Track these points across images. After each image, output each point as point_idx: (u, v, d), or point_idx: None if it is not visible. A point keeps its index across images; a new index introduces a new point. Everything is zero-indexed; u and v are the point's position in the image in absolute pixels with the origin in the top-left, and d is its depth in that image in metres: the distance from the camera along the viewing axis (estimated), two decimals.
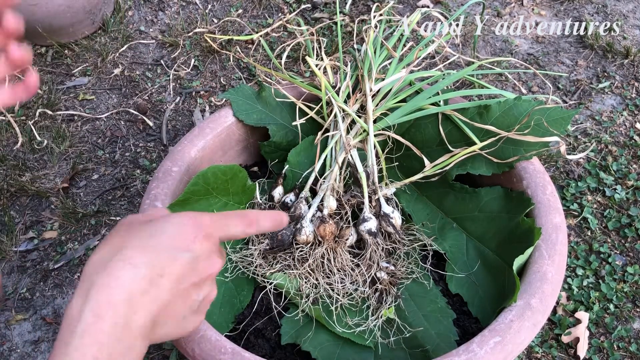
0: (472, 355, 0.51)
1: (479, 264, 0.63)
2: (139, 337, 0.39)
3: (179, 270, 0.41)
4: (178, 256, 0.41)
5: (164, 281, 0.40)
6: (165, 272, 0.40)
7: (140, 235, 0.41)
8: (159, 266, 0.40)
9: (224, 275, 0.64)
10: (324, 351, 0.59)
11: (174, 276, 0.40)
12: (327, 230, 0.62)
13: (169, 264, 0.40)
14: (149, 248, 0.40)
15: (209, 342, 0.53)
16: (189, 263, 0.41)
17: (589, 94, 1.29)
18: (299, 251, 0.63)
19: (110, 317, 0.37)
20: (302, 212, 0.65)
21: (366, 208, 0.65)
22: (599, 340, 0.95)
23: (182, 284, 0.41)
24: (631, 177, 1.13)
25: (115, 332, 0.37)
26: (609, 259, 1.03)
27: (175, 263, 0.40)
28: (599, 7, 1.48)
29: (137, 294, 0.38)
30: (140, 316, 0.39)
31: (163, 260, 0.40)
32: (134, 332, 0.38)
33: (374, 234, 0.63)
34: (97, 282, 0.38)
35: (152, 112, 1.32)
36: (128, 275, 0.39)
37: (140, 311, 0.39)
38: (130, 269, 0.39)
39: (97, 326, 0.37)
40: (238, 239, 0.66)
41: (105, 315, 0.37)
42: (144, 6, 1.56)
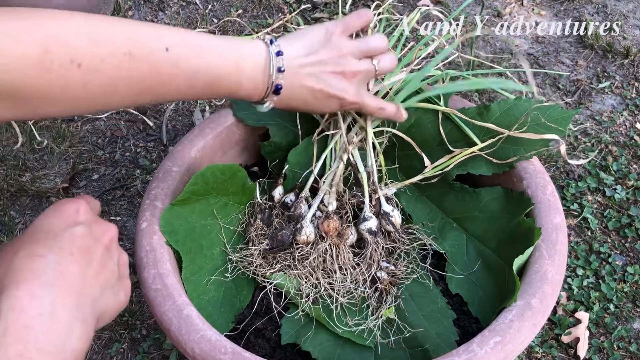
0: (472, 355, 0.51)
1: (479, 264, 0.63)
2: (74, 321, 0.37)
3: (82, 242, 0.41)
4: (74, 231, 0.41)
5: (76, 257, 0.40)
6: (73, 249, 0.40)
7: (29, 235, 0.41)
8: (63, 247, 0.39)
9: (224, 275, 0.64)
10: (324, 351, 0.59)
11: (82, 249, 0.40)
12: (331, 226, 0.62)
13: (71, 241, 0.40)
14: (44, 239, 0.40)
15: (209, 342, 0.53)
16: (86, 233, 0.41)
17: (589, 94, 1.29)
18: (299, 251, 0.63)
19: (34, 308, 0.36)
20: (302, 211, 0.65)
21: (366, 207, 0.65)
22: (599, 340, 0.95)
23: (93, 254, 0.41)
24: (631, 177, 1.13)
25: (42, 322, 0.36)
26: (609, 259, 1.03)
27: (76, 238, 0.41)
28: (599, 7, 1.48)
29: (57, 279, 0.37)
30: (69, 298, 0.38)
31: (63, 240, 0.40)
32: (66, 317, 0.37)
33: (374, 233, 0.63)
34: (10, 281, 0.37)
35: (152, 112, 1.32)
36: (39, 265, 0.38)
37: (66, 294, 0.38)
38: (39, 259, 0.38)
39: (20, 322, 0.35)
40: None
41: (27, 308, 0.36)
42: (144, 6, 1.56)
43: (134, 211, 1.14)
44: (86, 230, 0.42)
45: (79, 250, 0.40)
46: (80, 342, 0.38)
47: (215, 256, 0.65)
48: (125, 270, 0.46)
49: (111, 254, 0.44)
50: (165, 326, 0.55)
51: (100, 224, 0.44)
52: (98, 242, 0.42)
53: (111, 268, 0.43)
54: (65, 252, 0.39)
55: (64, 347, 0.36)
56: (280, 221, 0.66)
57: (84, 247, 0.41)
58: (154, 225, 0.61)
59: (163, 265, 0.59)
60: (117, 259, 0.45)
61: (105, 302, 0.42)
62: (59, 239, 0.40)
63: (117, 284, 0.44)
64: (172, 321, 0.55)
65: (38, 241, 0.40)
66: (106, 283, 0.42)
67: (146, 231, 0.61)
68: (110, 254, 0.44)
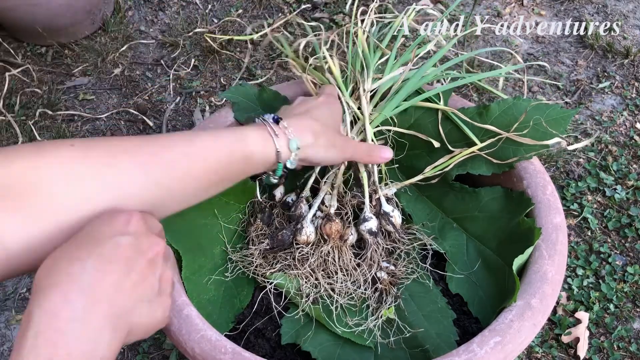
0: (472, 355, 0.51)
1: (479, 264, 0.63)
2: (105, 329, 0.37)
3: (125, 252, 0.40)
4: (119, 241, 0.40)
5: (115, 267, 0.39)
6: (113, 258, 0.39)
7: (76, 238, 0.40)
8: (104, 254, 0.39)
9: (224, 275, 0.64)
10: (324, 351, 0.59)
11: (122, 259, 0.40)
12: (333, 229, 0.62)
13: (113, 249, 0.39)
14: (87, 243, 0.39)
15: (209, 342, 0.53)
16: (131, 244, 0.41)
17: (589, 94, 1.29)
18: (299, 252, 0.63)
19: (66, 312, 0.36)
20: (303, 211, 0.65)
21: (367, 207, 0.65)
22: (599, 340, 0.95)
23: (133, 266, 0.40)
24: (631, 177, 1.13)
25: (73, 328, 0.35)
26: (609, 259, 1.03)
27: (119, 248, 0.40)
28: (599, 7, 1.48)
29: (92, 285, 0.37)
30: (101, 307, 0.37)
31: (105, 248, 0.39)
32: (96, 324, 0.37)
33: (374, 234, 0.63)
34: (47, 284, 0.37)
35: (152, 112, 1.33)
36: (76, 269, 0.37)
37: (99, 302, 0.37)
38: (78, 263, 0.38)
39: (51, 325, 0.35)
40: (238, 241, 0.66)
41: (59, 312, 0.35)
42: (144, 6, 1.56)
43: None
44: (132, 241, 0.41)
45: (119, 259, 0.39)
46: (109, 351, 0.37)
47: (215, 256, 0.65)
48: (167, 288, 0.45)
49: (154, 269, 0.43)
50: (165, 326, 0.55)
51: (148, 238, 0.43)
52: (142, 255, 0.41)
53: (151, 282, 0.42)
54: (104, 259, 0.39)
55: (93, 355, 0.36)
56: (281, 220, 0.66)
57: (125, 257, 0.40)
58: None
59: None
60: (159, 274, 0.43)
61: (139, 316, 0.41)
62: (102, 245, 0.39)
63: (156, 300, 0.43)
64: (172, 321, 0.55)
65: (81, 245, 0.39)
66: (143, 296, 0.41)
67: None
68: (152, 268, 0.42)
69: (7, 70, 1.38)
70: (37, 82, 1.37)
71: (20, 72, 1.38)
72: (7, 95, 1.34)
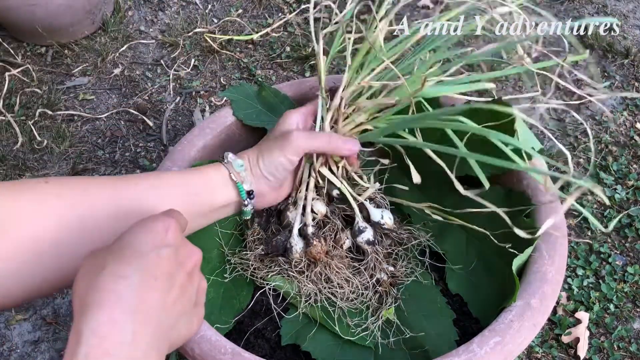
0: (472, 355, 0.51)
1: (479, 264, 0.63)
2: (151, 350, 0.37)
3: (167, 266, 0.39)
4: (161, 253, 0.39)
5: (159, 283, 0.38)
6: (157, 273, 0.38)
7: (114, 251, 0.40)
8: (148, 270, 0.38)
9: (223, 276, 0.64)
10: (324, 351, 0.59)
11: (165, 274, 0.39)
12: (314, 252, 0.61)
13: (156, 264, 0.39)
14: (130, 257, 0.38)
15: (209, 342, 0.53)
16: (172, 257, 0.40)
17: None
18: (295, 264, 0.62)
19: (116, 335, 0.35)
20: (290, 219, 0.64)
21: (358, 218, 0.63)
22: (599, 340, 0.95)
23: (175, 280, 0.40)
24: (631, 177, 1.13)
25: (123, 351, 0.35)
26: (609, 259, 1.03)
27: (162, 261, 0.39)
28: (599, 7, 1.48)
29: (138, 305, 0.37)
30: (148, 327, 0.37)
31: (149, 262, 0.39)
32: (144, 346, 0.36)
33: (372, 243, 0.63)
34: (92, 301, 0.36)
35: (152, 112, 1.33)
36: (122, 287, 0.37)
37: (146, 324, 0.37)
38: (122, 281, 0.37)
39: (101, 348, 0.35)
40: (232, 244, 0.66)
41: (109, 335, 0.35)
42: (144, 6, 1.56)
43: None
44: (172, 253, 0.40)
45: (162, 275, 0.39)
46: None
47: (213, 258, 0.65)
48: (202, 298, 0.45)
49: (192, 281, 0.42)
50: None
51: (186, 248, 0.42)
52: (181, 267, 0.41)
53: (189, 295, 0.42)
54: (148, 276, 0.38)
55: None
56: (277, 226, 0.66)
57: (168, 272, 0.39)
58: None
59: None
60: (197, 284, 0.43)
61: (179, 331, 0.41)
62: (145, 259, 0.39)
63: (193, 312, 0.43)
64: None
65: (123, 259, 0.38)
66: (182, 311, 0.41)
67: None
68: (191, 280, 0.42)
69: (7, 70, 1.38)
70: (37, 82, 1.37)
71: (20, 72, 1.38)
72: (7, 95, 1.34)
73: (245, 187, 0.58)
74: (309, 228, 0.63)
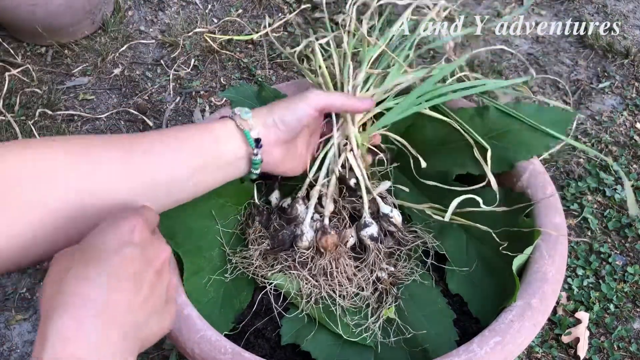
0: (472, 355, 0.51)
1: (479, 264, 0.63)
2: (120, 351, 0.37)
3: (133, 267, 0.39)
4: (126, 254, 0.39)
5: (126, 284, 0.38)
6: (123, 274, 0.38)
7: (81, 250, 0.39)
8: (114, 271, 0.38)
9: (224, 276, 0.64)
10: (324, 351, 0.59)
11: (132, 275, 0.39)
12: (329, 242, 0.61)
13: (122, 265, 0.38)
14: (95, 259, 0.38)
15: (209, 342, 0.53)
16: (138, 255, 0.40)
17: (589, 94, 1.29)
18: (300, 256, 0.62)
19: (81, 338, 0.35)
20: (299, 212, 0.64)
21: (365, 212, 0.64)
22: (599, 340, 0.95)
23: (143, 279, 0.40)
24: (631, 177, 1.13)
25: (89, 353, 0.35)
26: (609, 259, 1.03)
27: (127, 262, 0.39)
28: (599, 7, 1.48)
29: (104, 307, 0.36)
30: (115, 329, 0.37)
31: (114, 263, 0.38)
32: (112, 347, 0.36)
33: (375, 239, 0.63)
34: (58, 305, 0.36)
35: (152, 112, 1.33)
36: (87, 290, 0.36)
37: (113, 325, 0.36)
38: (87, 283, 0.37)
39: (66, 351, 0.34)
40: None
41: (74, 338, 0.35)
42: (144, 6, 1.56)
43: None
44: (139, 253, 0.40)
45: (128, 276, 0.38)
46: None
47: (214, 257, 0.65)
48: (173, 294, 0.45)
49: (161, 279, 0.42)
50: None
51: (154, 246, 0.42)
52: (149, 266, 0.41)
53: (159, 293, 0.42)
54: (113, 277, 0.38)
55: None
56: (281, 222, 0.66)
57: (134, 272, 0.39)
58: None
59: None
60: (166, 281, 0.43)
61: (150, 329, 0.41)
62: (109, 261, 0.38)
63: (164, 309, 0.43)
64: None
65: (88, 261, 0.38)
66: (153, 310, 0.41)
67: None
68: (160, 278, 0.42)
69: (7, 70, 1.38)
70: (37, 82, 1.37)
71: (20, 72, 1.38)
72: (7, 95, 1.34)
73: (253, 135, 0.56)
74: (325, 219, 0.63)
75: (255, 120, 0.56)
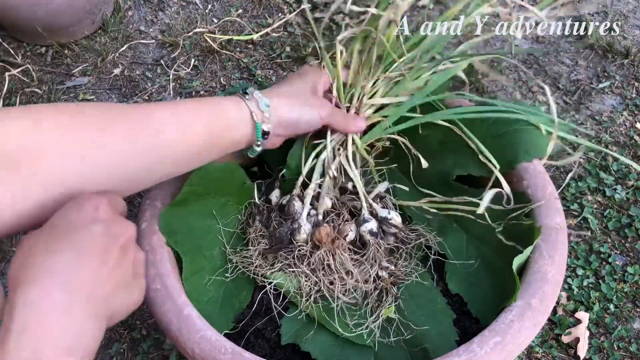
0: (472, 355, 0.51)
1: (479, 264, 0.63)
2: (87, 320, 0.38)
3: (99, 241, 0.41)
4: (92, 229, 0.41)
5: (92, 257, 0.40)
6: (89, 247, 0.40)
7: (47, 228, 0.41)
8: (80, 245, 0.39)
9: (224, 276, 0.64)
10: (324, 351, 0.59)
11: (98, 248, 0.40)
12: (322, 233, 0.62)
13: (88, 239, 0.40)
14: (61, 234, 0.40)
15: (209, 342, 0.53)
16: (104, 232, 0.41)
17: (589, 94, 1.29)
18: (299, 250, 0.62)
19: (49, 306, 0.36)
20: (296, 208, 0.65)
21: (364, 210, 0.64)
22: (599, 340, 0.95)
23: (109, 253, 0.41)
24: (631, 177, 1.13)
25: (57, 320, 0.36)
26: (609, 259, 1.03)
27: (93, 237, 0.40)
28: (599, 7, 1.48)
29: (71, 279, 0.38)
30: (83, 298, 0.38)
31: (81, 238, 0.40)
32: (80, 315, 0.37)
33: (375, 234, 0.63)
34: (25, 277, 0.37)
35: None
36: (54, 262, 0.38)
37: (80, 295, 0.38)
38: (54, 256, 0.38)
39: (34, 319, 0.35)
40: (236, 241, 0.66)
41: (42, 306, 0.36)
42: (144, 6, 1.56)
43: (134, 211, 1.14)
44: (104, 228, 0.42)
45: (94, 249, 0.40)
46: (92, 340, 0.38)
47: (215, 257, 0.65)
48: (141, 269, 0.46)
49: (127, 253, 0.44)
50: (165, 326, 0.55)
51: (118, 223, 0.44)
52: (115, 241, 0.42)
53: (126, 267, 0.43)
54: (80, 251, 0.39)
55: (77, 345, 0.37)
56: (281, 221, 0.66)
57: (100, 246, 0.41)
58: (154, 225, 0.61)
59: (163, 265, 0.59)
60: (133, 256, 0.45)
61: (119, 301, 0.42)
62: (76, 236, 0.40)
63: (132, 283, 0.44)
64: (172, 321, 0.55)
65: (54, 236, 0.40)
66: (120, 282, 0.42)
67: (146, 231, 0.61)
68: (126, 253, 0.43)
69: (7, 70, 1.38)
70: (37, 82, 1.37)
71: (20, 72, 1.38)
72: (7, 95, 1.34)
73: (264, 128, 0.58)
74: (319, 215, 0.64)
75: (271, 115, 0.58)
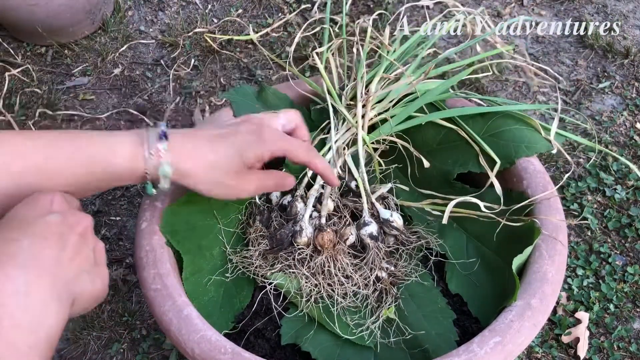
0: (472, 355, 0.51)
1: (479, 264, 0.63)
2: (50, 300, 0.39)
3: (56, 229, 0.42)
4: (48, 219, 0.42)
5: (50, 242, 0.41)
6: (47, 235, 0.41)
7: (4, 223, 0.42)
8: (38, 232, 0.41)
9: (224, 276, 0.64)
10: (324, 351, 0.59)
11: (55, 234, 0.41)
12: (325, 239, 0.62)
13: (45, 227, 0.41)
14: (18, 225, 0.41)
15: (209, 342, 0.53)
16: (61, 221, 0.43)
17: (589, 94, 1.29)
18: (299, 253, 0.62)
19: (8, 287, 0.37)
20: (299, 209, 0.65)
21: (365, 212, 0.64)
22: (599, 340, 0.95)
23: (67, 239, 0.42)
24: (631, 177, 1.13)
25: (18, 301, 0.37)
26: (609, 259, 1.03)
27: (50, 225, 0.42)
28: (599, 7, 1.48)
29: (31, 261, 0.39)
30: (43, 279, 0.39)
31: (38, 227, 0.41)
32: (41, 296, 0.38)
33: (375, 238, 0.63)
34: None
35: (152, 112, 1.32)
36: (13, 248, 0.39)
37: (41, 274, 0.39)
38: (13, 243, 0.39)
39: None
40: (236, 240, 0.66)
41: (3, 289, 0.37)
42: (144, 6, 1.56)
43: (134, 211, 1.14)
44: (60, 218, 0.43)
45: (52, 235, 0.41)
46: (55, 320, 0.39)
47: (215, 257, 0.65)
48: (102, 258, 0.47)
49: (86, 241, 0.45)
50: (165, 326, 0.55)
51: (74, 214, 0.45)
52: (72, 230, 0.43)
53: (86, 254, 0.44)
54: (39, 237, 0.41)
55: (40, 324, 0.38)
56: (281, 221, 0.66)
57: (58, 233, 0.42)
58: (154, 225, 0.61)
59: (163, 265, 0.59)
60: (92, 245, 0.46)
61: (81, 286, 0.43)
62: (33, 225, 0.42)
63: (94, 271, 0.45)
64: (172, 321, 0.55)
65: (12, 227, 0.41)
66: (81, 267, 0.43)
67: (146, 231, 0.61)
68: (85, 241, 0.45)
69: (7, 70, 1.38)
70: (36, 82, 1.37)
71: (20, 72, 1.38)
72: (7, 95, 1.34)
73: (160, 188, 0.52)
74: (322, 218, 0.64)
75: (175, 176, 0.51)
